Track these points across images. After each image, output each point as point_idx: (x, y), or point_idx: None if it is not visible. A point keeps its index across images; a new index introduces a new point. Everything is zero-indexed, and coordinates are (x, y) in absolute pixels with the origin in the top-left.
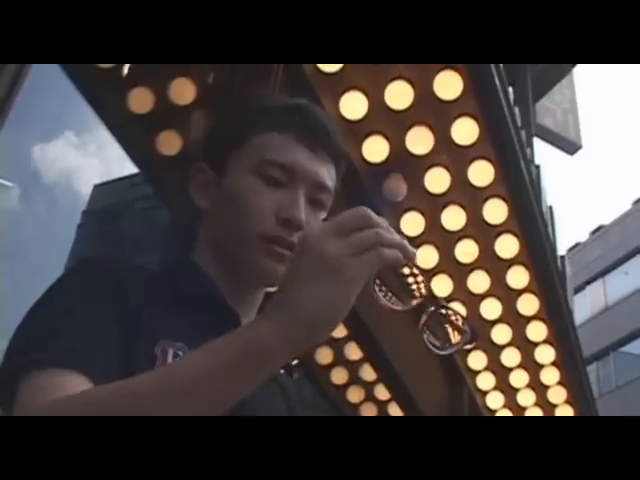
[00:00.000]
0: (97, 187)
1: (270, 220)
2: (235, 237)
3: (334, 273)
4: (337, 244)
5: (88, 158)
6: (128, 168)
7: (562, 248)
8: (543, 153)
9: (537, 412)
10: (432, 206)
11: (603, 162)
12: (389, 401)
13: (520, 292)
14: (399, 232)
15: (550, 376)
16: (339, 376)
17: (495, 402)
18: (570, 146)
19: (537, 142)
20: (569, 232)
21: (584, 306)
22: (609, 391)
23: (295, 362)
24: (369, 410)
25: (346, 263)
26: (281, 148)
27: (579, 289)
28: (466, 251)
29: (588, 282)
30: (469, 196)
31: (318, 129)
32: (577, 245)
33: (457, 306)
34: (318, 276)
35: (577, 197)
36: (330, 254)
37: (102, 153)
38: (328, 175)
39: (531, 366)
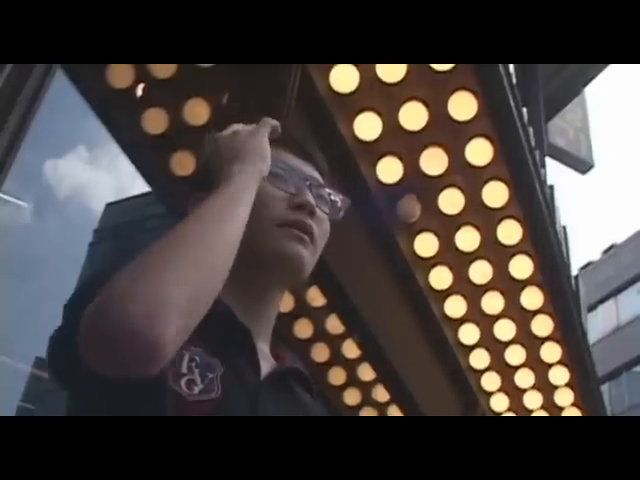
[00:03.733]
0: (109, 205)
1: (282, 206)
2: (253, 231)
3: (249, 135)
4: (241, 130)
5: (101, 177)
6: (140, 187)
7: (574, 267)
8: (555, 172)
9: None
10: (446, 227)
11: (615, 181)
12: None
13: (534, 313)
14: (413, 254)
15: (564, 397)
16: (352, 397)
17: None
18: (582, 165)
19: (549, 161)
20: (581, 251)
21: (596, 325)
22: (621, 411)
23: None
24: None
25: (253, 131)
26: (279, 155)
27: (591, 308)
28: (480, 272)
29: (600, 301)
30: (483, 217)
31: (305, 144)
32: (589, 264)
33: (471, 327)
34: (241, 141)
35: (589, 216)
36: (241, 131)
37: (115, 172)
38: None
39: (545, 387)
